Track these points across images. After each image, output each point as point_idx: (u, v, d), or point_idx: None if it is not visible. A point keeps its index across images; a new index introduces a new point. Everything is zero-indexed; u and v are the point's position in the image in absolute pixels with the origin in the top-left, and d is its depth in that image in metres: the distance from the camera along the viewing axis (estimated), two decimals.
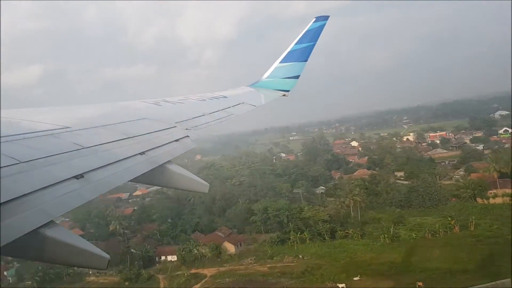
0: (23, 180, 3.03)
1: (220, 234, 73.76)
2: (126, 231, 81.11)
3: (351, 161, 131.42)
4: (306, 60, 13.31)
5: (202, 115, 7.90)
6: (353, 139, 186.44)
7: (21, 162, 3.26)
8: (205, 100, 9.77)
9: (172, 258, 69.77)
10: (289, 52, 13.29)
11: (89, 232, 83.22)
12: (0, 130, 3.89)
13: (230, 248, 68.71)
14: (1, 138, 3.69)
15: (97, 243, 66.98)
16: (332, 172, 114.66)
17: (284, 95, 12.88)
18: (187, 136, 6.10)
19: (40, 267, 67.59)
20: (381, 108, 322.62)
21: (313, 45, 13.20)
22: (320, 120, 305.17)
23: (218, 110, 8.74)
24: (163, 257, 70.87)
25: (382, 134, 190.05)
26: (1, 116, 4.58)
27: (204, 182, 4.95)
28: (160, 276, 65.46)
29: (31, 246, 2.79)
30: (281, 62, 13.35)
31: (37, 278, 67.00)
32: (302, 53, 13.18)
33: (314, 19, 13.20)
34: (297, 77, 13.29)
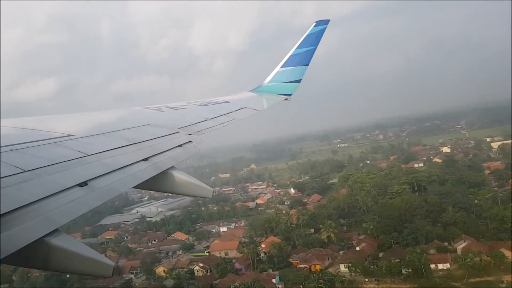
0: (27, 189, 3.05)
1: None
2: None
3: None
4: (307, 64, 13.27)
5: (205, 120, 7.87)
6: (442, 145, 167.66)
7: (25, 171, 3.28)
8: (207, 105, 9.76)
9: (443, 266, 60.58)
10: (290, 57, 13.26)
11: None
12: (4, 139, 3.91)
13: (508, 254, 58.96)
14: (5, 147, 3.71)
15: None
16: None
17: (286, 99, 12.83)
18: (190, 141, 6.09)
19: None
20: (405, 113, 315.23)
21: (314, 49, 13.16)
22: (347, 126, 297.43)
23: (220, 115, 8.71)
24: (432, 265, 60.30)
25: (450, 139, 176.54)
26: (5, 125, 4.61)
27: (208, 187, 4.91)
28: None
29: (37, 255, 2.80)
30: (282, 66, 13.33)
31: None
32: (303, 57, 13.15)
33: (315, 24, 13.18)
34: (298, 81, 13.25)
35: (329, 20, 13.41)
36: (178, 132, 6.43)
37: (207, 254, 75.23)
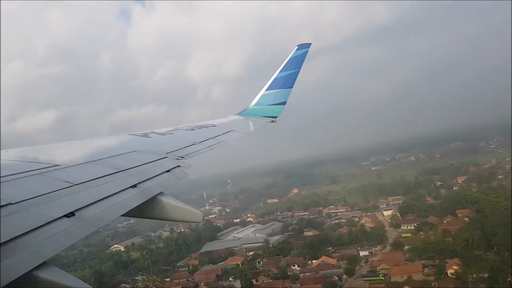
0: (14, 222, 3.03)
1: None
2: None
3: None
4: (291, 87, 13.62)
5: (193, 144, 7.88)
6: (498, 164, 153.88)
7: (12, 204, 3.27)
8: (194, 129, 9.84)
9: None
10: (274, 80, 13.63)
11: None
12: None
13: None
14: None
15: None
16: None
17: (272, 121, 13.07)
18: (179, 166, 6.07)
19: None
20: (403, 136, 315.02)
21: (298, 71, 13.57)
22: (356, 149, 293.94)
23: (208, 139, 8.77)
24: None
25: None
26: None
27: (198, 212, 4.86)
28: None
29: None
30: (267, 89, 13.67)
31: None
32: (287, 80, 13.54)
33: (297, 47, 13.67)
34: (284, 103, 13.55)
35: (310, 44, 13.91)
36: (166, 157, 6.42)
37: (382, 278, 69.82)
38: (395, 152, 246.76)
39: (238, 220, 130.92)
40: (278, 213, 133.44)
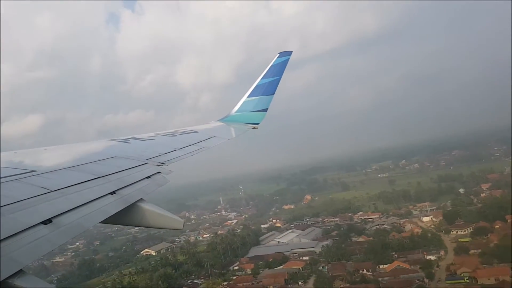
0: None
1: None
2: None
3: None
4: (273, 94, 13.75)
5: (174, 150, 7.81)
6: None
7: None
8: (176, 135, 9.79)
9: None
10: (256, 87, 13.73)
11: None
12: None
13: None
14: None
15: None
16: None
17: (254, 127, 13.14)
18: (159, 172, 6.00)
19: None
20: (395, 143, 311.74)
21: (279, 79, 13.71)
22: (348, 156, 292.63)
23: (189, 145, 8.69)
24: None
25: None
26: None
27: (179, 218, 4.81)
28: None
29: None
30: (249, 96, 13.75)
31: None
32: (268, 87, 13.65)
33: (278, 55, 13.84)
34: (265, 110, 13.67)
35: (291, 52, 14.10)
36: (146, 163, 6.35)
37: (467, 281, 67.67)
38: (392, 160, 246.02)
39: (266, 225, 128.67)
40: (307, 219, 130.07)
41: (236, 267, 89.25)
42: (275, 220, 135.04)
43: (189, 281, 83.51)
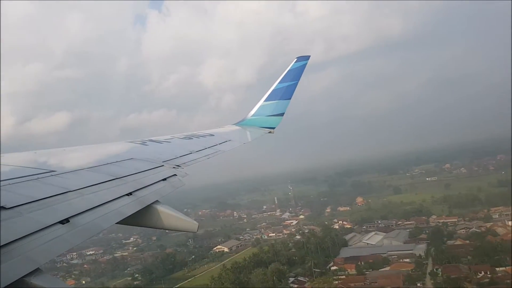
0: (8, 227, 3.02)
1: None
2: None
3: None
4: (289, 98, 13.73)
5: (190, 153, 7.80)
6: None
7: (6, 209, 3.27)
8: (192, 138, 9.80)
9: None
10: (273, 91, 13.73)
11: None
12: None
13: None
14: None
15: None
16: None
17: (270, 132, 13.10)
18: (175, 174, 6.01)
19: None
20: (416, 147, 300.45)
21: (296, 83, 13.68)
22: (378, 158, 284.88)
23: (205, 148, 8.69)
24: None
25: None
26: None
27: (194, 221, 4.80)
28: None
29: None
30: (265, 100, 13.76)
31: None
32: (285, 92, 13.64)
33: (296, 59, 13.80)
34: (281, 114, 13.63)
35: (309, 56, 14.04)
36: (163, 165, 6.37)
37: None
38: (434, 164, 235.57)
39: (336, 227, 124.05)
40: (379, 221, 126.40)
41: (334, 267, 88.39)
42: (341, 222, 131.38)
43: (293, 278, 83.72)
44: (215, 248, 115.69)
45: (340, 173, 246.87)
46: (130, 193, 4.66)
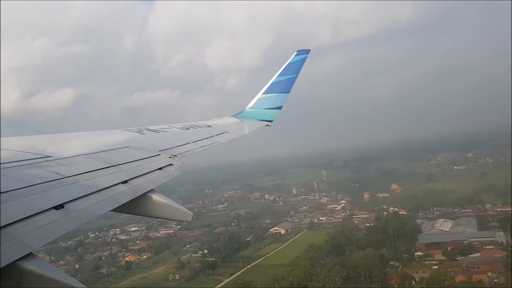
0: (2, 211, 3.01)
1: None
2: None
3: None
4: (288, 92, 13.79)
5: (186, 143, 7.76)
6: None
7: (1, 193, 3.26)
8: (189, 129, 9.81)
9: None
10: (272, 84, 13.75)
11: None
12: None
13: None
14: None
15: None
16: None
17: (267, 125, 13.17)
18: (171, 164, 5.97)
19: None
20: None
21: (295, 77, 13.71)
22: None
23: (202, 139, 8.68)
24: None
25: None
26: None
27: (188, 211, 4.77)
28: None
29: (9, 279, 2.73)
30: (264, 93, 13.77)
31: None
32: (284, 85, 13.69)
33: (296, 53, 13.82)
34: (279, 108, 13.69)
35: (309, 50, 14.08)
36: (159, 154, 6.34)
37: None
38: (456, 152, 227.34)
39: (389, 213, 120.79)
40: (434, 209, 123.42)
41: (419, 253, 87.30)
42: (392, 208, 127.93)
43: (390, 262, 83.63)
44: (271, 229, 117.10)
45: (357, 159, 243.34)
46: (126, 181, 4.65)
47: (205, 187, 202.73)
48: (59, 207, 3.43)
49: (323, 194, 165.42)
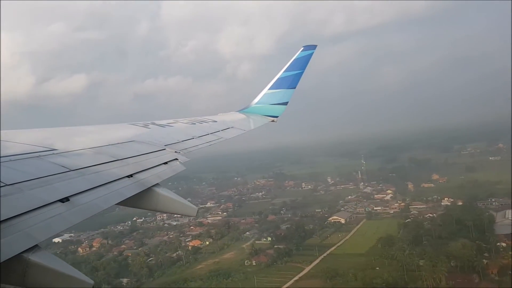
0: (7, 204, 3.02)
1: None
2: None
3: None
4: (294, 87, 13.73)
5: (192, 138, 7.78)
6: None
7: (7, 185, 3.26)
8: (195, 123, 9.83)
9: None
10: (278, 79, 13.71)
11: None
12: None
13: None
14: None
15: None
16: None
17: (273, 120, 13.17)
18: (176, 159, 5.97)
19: None
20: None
21: (301, 73, 13.64)
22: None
23: (207, 134, 8.71)
24: None
25: None
26: None
27: (193, 206, 4.78)
28: None
29: (15, 271, 2.74)
30: (270, 88, 13.74)
31: None
32: (290, 81, 13.64)
33: (302, 48, 13.74)
34: (285, 103, 13.64)
35: (316, 46, 13.93)
36: (164, 149, 6.34)
37: None
38: (486, 142, 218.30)
39: (446, 204, 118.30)
40: (492, 199, 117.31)
41: (502, 244, 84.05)
42: (446, 198, 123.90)
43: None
44: (330, 218, 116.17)
45: (381, 148, 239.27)
46: (131, 175, 4.64)
47: (231, 175, 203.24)
48: (65, 200, 3.44)
49: (365, 184, 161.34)
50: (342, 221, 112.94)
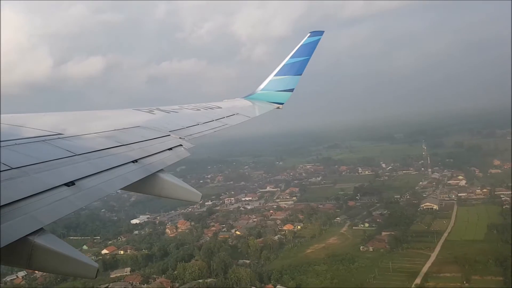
0: (13, 187, 3.06)
1: None
2: None
3: None
4: (300, 74, 13.50)
5: (196, 124, 7.80)
6: None
7: (12, 168, 3.29)
8: (200, 110, 9.80)
9: None
10: (284, 66, 13.47)
11: None
12: None
13: None
14: None
15: None
16: None
17: (278, 107, 13.01)
18: (181, 145, 6.00)
19: None
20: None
21: (308, 59, 13.40)
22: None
23: (212, 120, 8.69)
24: None
25: None
26: None
27: (197, 191, 4.84)
28: None
29: (20, 253, 2.79)
30: (276, 75, 13.52)
31: None
32: (297, 67, 13.41)
33: (309, 34, 13.42)
34: (291, 90, 13.44)
35: (323, 32, 13.62)
36: (169, 135, 6.37)
37: None
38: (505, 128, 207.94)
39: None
40: None
41: None
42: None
43: None
44: (422, 205, 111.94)
45: (417, 132, 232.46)
46: (136, 160, 4.66)
47: (269, 159, 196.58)
48: (70, 184, 3.46)
49: (423, 169, 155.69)
50: (435, 207, 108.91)
